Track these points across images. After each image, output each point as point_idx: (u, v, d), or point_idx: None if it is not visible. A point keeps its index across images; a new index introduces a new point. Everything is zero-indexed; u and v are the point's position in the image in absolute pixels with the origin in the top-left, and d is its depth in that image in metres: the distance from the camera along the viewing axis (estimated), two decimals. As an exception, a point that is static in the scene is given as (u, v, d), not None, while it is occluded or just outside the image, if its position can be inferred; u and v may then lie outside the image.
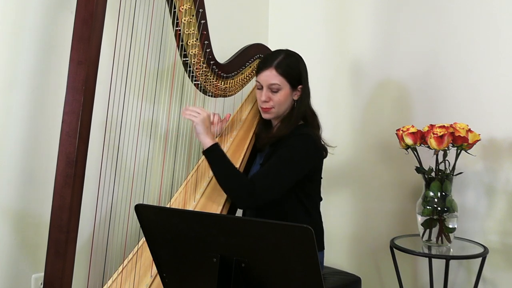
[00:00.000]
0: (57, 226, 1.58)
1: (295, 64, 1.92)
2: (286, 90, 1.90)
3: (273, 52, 1.98)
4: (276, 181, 1.79)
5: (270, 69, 1.89)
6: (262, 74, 1.91)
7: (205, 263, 1.25)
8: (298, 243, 1.14)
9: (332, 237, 2.33)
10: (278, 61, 1.89)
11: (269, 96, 1.90)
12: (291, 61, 1.92)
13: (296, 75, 1.91)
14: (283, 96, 1.90)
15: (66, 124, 1.58)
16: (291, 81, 1.90)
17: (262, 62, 1.95)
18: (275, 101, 1.91)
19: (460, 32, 2.24)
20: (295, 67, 1.92)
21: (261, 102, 1.93)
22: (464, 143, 1.99)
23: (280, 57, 1.91)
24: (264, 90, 1.91)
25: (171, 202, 1.89)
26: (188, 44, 1.88)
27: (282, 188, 1.81)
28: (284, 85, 1.89)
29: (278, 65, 1.89)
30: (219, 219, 1.35)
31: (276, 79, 1.88)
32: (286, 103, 1.93)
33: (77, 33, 1.60)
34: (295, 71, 1.91)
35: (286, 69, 1.89)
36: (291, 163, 1.82)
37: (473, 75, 2.20)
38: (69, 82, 1.59)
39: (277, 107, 1.92)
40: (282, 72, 1.88)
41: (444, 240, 2.04)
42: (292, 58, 1.93)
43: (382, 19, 2.50)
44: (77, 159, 1.57)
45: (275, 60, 1.90)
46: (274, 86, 1.89)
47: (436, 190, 2.03)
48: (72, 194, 1.57)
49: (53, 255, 1.58)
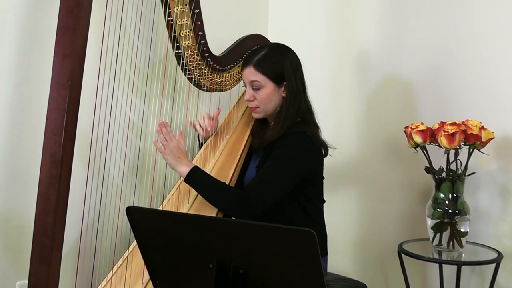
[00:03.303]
0: (41, 230, 1.59)
1: (277, 59, 1.92)
2: (269, 88, 1.91)
3: (256, 48, 2.00)
4: (271, 188, 1.80)
5: (249, 66, 1.91)
6: (244, 72, 1.94)
7: (201, 269, 1.26)
8: (300, 247, 1.15)
9: (336, 241, 2.34)
10: (258, 58, 1.91)
11: (252, 94, 1.93)
12: (274, 57, 1.92)
13: (278, 71, 1.91)
14: (266, 94, 1.92)
15: (51, 122, 1.59)
16: (273, 77, 1.91)
17: (245, 59, 1.99)
18: (259, 100, 1.93)
19: (473, 22, 2.25)
20: (278, 62, 1.91)
21: (246, 101, 1.98)
22: (477, 142, 2.01)
23: (261, 53, 1.92)
24: (248, 88, 1.94)
25: (163, 204, 1.90)
26: (181, 35, 1.89)
27: (278, 195, 1.82)
28: (266, 82, 1.91)
29: (257, 62, 1.90)
30: (216, 222, 1.36)
31: (255, 76, 1.90)
32: (272, 101, 1.94)
33: (61, 23, 1.61)
34: (277, 67, 1.91)
35: (266, 65, 1.90)
36: (286, 167, 1.83)
37: (486, 68, 2.21)
38: (53, 77, 1.60)
39: (263, 105, 1.94)
40: (261, 69, 1.90)
41: (455, 245, 2.06)
42: (275, 53, 1.93)
43: (388, 9, 2.52)
44: (63, 159, 1.58)
45: (256, 56, 1.92)
46: (254, 84, 1.91)
47: (447, 192, 2.05)
48: (57, 196, 1.58)
49: (37, 261, 1.59)
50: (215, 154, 2.04)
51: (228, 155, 2.02)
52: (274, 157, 1.84)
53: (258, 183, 1.81)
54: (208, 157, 2.03)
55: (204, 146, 2.08)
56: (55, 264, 1.60)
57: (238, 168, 1.98)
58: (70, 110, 1.59)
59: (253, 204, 1.77)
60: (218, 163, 2.00)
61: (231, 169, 1.95)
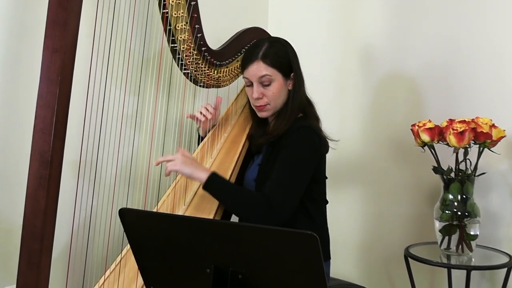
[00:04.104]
0: (30, 233, 1.58)
1: (282, 50, 1.94)
2: (279, 81, 1.91)
3: (255, 43, 1.99)
4: (291, 189, 1.80)
5: (257, 61, 1.90)
6: (249, 68, 1.92)
7: (198, 274, 1.26)
8: (301, 251, 1.14)
9: (339, 245, 2.35)
10: (263, 51, 1.91)
11: (262, 91, 1.92)
12: (278, 48, 1.93)
13: (286, 62, 1.93)
14: (277, 88, 1.91)
15: (40, 120, 1.59)
16: (282, 70, 1.91)
17: (246, 56, 1.97)
18: (270, 96, 1.92)
19: (483, 15, 2.25)
20: (283, 53, 1.93)
21: (254, 100, 1.94)
22: (487, 140, 2.01)
23: (264, 46, 1.92)
24: (255, 86, 1.92)
25: (158, 205, 1.91)
26: (177, 28, 1.89)
27: (299, 194, 1.83)
28: (276, 75, 1.91)
29: (264, 55, 1.90)
30: (213, 225, 1.36)
31: (266, 70, 1.90)
32: (282, 96, 1.94)
33: (51, 16, 1.60)
34: (285, 58, 1.93)
35: (275, 57, 1.90)
36: (300, 164, 1.83)
37: (497, 63, 2.21)
38: (43, 73, 1.59)
39: (273, 102, 1.93)
40: (270, 62, 1.90)
41: (465, 249, 2.06)
42: (278, 45, 1.95)
43: (394, 0, 2.51)
44: (52, 159, 1.58)
45: (260, 50, 1.91)
46: (265, 79, 1.90)
47: (456, 193, 2.05)
48: (46, 197, 1.58)
49: (26, 265, 1.58)
50: (212, 153, 2.04)
51: (226, 153, 2.02)
52: (285, 158, 1.84)
53: (278, 187, 1.80)
54: (205, 156, 2.03)
55: (201, 145, 2.08)
56: (44, 268, 1.60)
57: (236, 167, 1.98)
58: (60, 107, 1.59)
59: (280, 209, 1.77)
60: (216, 162, 2.00)
61: (230, 168, 1.95)
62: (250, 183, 1.96)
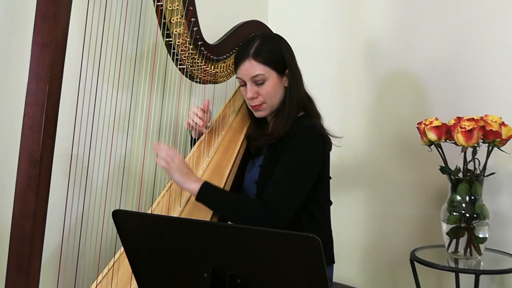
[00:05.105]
0: (18, 236, 1.58)
1: (275, 46, 1.94)
2: (273, 79, 1.92)
3: (247, 40, 2.00)
4: (291, 195, 1.81)
5: (248, 60, 1.91)
6: (241, 67, 1.93)
7: (195, 278, 1.26)
8: (303, 255, 1.15)
9: (343, 248, 2.35)
10: (255, 49, 1.91)
11: (256, 90, 1.92)
12: (270, 45, 1.94)
13: (279, 59, 1.93)
14: (271, 86, 1.92)
15: (29, 118, 1.59)
16: (275, 67, 1.92)
17: (237, 54, 1.97)
18: (265, 94, 1.92)
19: (493, 9, 2.25)
20: (275, 50, 1.93)
21: (249, 100, 1.95)
22: (496, 139, 2.02)
23: (256, 43, 1.92)
24: (249, 85, 1.93)
25: (152, 207, 1.91)
26: (172, 22, 1.90)
27: (300, 200, 1.84)
28: (269, 73, 1.91)
29: (256, 53, 1.91)
30: (210, 227, 1.37)
31: (258, 69, 1.90)
32: (278, 94, 1.94)
33: (40, 9, 1.60)
34: (277, 55, 1.93)
35: (266, 55, 1.91)
36: (302, 168, 1.84)
37: (507, 59, 2.22)
38: (32, 68, 1.59)
39: (269, 100, 1.94)
40: (263, 60, 1.90)
41: (473, 252, 2.07)
42: (270, 41, 1.95)
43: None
44: (42, 158, 1.58)
45: (251, 48, 1.92)
46: (258, 78, 1.91)
47: (464, 194, 2.06)
48: (36, 199, 1.58)
49: (15, 270, 1.58)
50: (209, 153, 2.05)
51: (223, 153, 2.03)
52: (287, 160, 1.85)
53: (278, 191, 1.81)
54: (202, 156, 2.04)
55: (198, 143, 2.08)
56: (34, 273, 1.60)
57: (234, 168, 1.98)
58: (49, 105, 1.59)
59: (279, 215, 1.78)
60: (213, 162, 2.00)
61: (227, 168, 1.95)
62: (251, 185, 1.97)
